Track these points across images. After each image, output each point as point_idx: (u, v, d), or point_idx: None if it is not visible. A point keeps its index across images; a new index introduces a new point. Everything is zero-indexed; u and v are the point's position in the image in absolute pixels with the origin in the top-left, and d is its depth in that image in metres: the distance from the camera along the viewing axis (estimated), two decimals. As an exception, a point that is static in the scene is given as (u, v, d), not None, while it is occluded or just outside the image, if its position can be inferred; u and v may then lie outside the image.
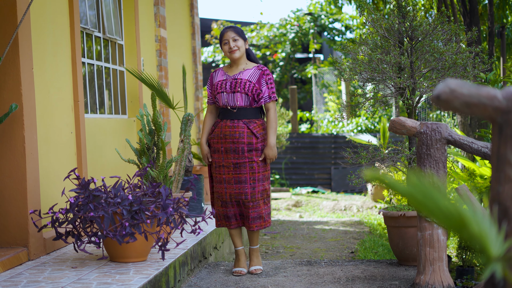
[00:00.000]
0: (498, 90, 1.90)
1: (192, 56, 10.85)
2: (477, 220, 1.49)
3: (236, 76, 5.68)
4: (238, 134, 5.59)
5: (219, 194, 5.70)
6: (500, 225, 1.80)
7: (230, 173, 5.62)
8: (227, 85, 5.65)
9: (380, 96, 6.23)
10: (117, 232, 4.71)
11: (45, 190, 5.49)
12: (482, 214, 1.55)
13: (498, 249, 1.49)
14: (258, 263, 5.87)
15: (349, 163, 6.18)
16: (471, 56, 5.98)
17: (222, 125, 5.65)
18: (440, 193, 1.52)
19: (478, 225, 1.49)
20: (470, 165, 7.64)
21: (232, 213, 5.71)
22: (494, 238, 1.50)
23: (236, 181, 5.62)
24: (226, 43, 5.69)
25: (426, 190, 1.53)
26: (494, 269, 1.45)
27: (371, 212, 11.86)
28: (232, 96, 5.62)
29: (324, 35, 21.57)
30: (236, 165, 5.61)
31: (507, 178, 1.83)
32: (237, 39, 5.68)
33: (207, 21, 21.39)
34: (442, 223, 1.53)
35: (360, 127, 16.27)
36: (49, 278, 4.58)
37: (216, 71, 5.83)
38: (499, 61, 12.05)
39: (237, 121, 5.62)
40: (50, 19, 5.73)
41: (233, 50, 5.67)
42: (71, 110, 6.03)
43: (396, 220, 5.90)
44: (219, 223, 5.80)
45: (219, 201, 5.72)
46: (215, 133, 5.68)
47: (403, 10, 6.14)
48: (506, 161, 1.84)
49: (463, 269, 6.46)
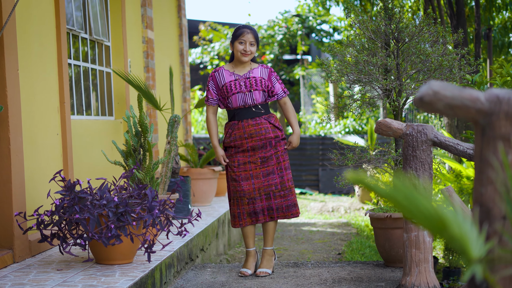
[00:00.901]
0: (481, 92, 1.90)
1: (179, 58, 10.84)
2: (458, 221, 1.49)
3: (248, 75, 5.73)
4: (264, 131, 5.68)
5: (245, 192, 5.68)
6: (482, 226, 1.80)
7: (258, 168, 5.69)
8: (242, 85, 5.67)
9: (367, 98, 6.24)
10: (103, 234, 4.70)
11: (31, 192, 5.47)
12: (464, 215, 1.55)
13: (478, 251, 1.50)
14: (268, 266, 5.81)
15: (336, 164, 6.19)
16: (457, 58, 5.99)
17: (243, 125, 5.68)
18: (421, 195, 1.52)
19: (459, 226, 1.49)
20: (456, 166, 7.66)
21: (260, 208, 5.70)
22: (474, 239, 1.50)
23: (264, 174, 5.70)
24: (243, 43, 5.68)
25: (407, 192, 1.53)
26: (475, 271, 1.45)
27: (358, 214, 11.87)
28: (249, 94, 5.67)
29: (312, 37, 21.58)
30: (263, 159, 5.69)
31: (489, 180, 1.83)
32: (254, 44, 5.71)
33: (194, 23, 21.37)
34: (423, 224, 1.53)
35: (348, 128, 16.28)
36: (34, 280, 4.56)
37: (217, 71, 5.78)
38: (486, 63, 12.09)
39: (258, 118, 5.70)
40: (36, 20, 5.70)
41: (247, 53, 5.69)
42: (57, 111, 6.01)
43: (383, 221, 5.91)
44: (241, 222, 5.74)
45: (244, 199, 5.69)
46: (236, 135, 5.70)
47: (389, 12, 6.14)
48: (488, 163, 1.84)
49: (450, 270, 6.47)
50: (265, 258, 5.82)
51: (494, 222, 1.80)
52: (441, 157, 8.16)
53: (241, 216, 5.72)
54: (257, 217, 5.72)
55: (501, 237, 1.79)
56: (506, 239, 1.77)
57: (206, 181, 8.76)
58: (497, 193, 1.80)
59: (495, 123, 1.85)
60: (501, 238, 1.79)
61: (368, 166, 6.16)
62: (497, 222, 1.80)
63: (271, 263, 5.83)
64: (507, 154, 1.82)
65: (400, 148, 5.99)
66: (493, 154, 1.84)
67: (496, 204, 1.80)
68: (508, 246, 1.76)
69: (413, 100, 1.94)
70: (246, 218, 5.73)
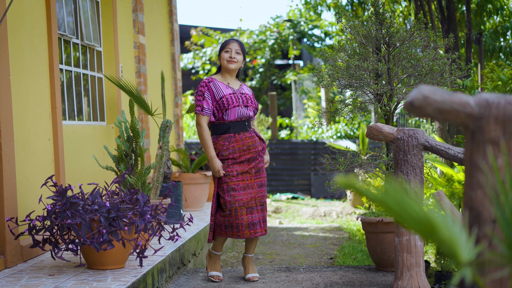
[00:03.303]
0: (470, 96, 1.91)
1: (171, 63, 10.84)
2: (448, 225, 1.50)
3: (242, 91, 5.82)
4: (257, 143, 5.77)
5: (244, 201, 5.65)
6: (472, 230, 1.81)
7: (252, 178, 5.72)
8: (239, 99, 5.73)
9: (358, 102, 6.25)
10: (95, 239, 4.70)
11: (22, 197, 5.46)
12: (453, 219, 1.56)
13: (468, 254, 1.51)
14: (255, 270, 5.87)
15: (327, 169, 6.20)
16: (448, 62, 6.02)
17: (241, 138, 5.70)
18: (411, 199, 1.53)
19: (448, 230, 1.50)
20: (448, 170, 7.68)
21: (257, 219, 5.69)
22: (464, 243, 1.51)
23: (258, 185, 5.75)
24: (228, 52, 5.77)
25: (397, 197, 1.54)
26: (464, 274, 1.46)
27: (350, 218, 11.88)
28: (245, 109, 5.73)
29: (304, 42, 21.61)
30: (257, 169, 5.75)
31: (479, 184, 1.84)
32: (239, 53, 5.79)
33: (186, 28, 21.38)
34: (413, 228, 1.54)
35: (340, 133, 16.30)
36: (26, 286, 4.55)
37: (212, 82, 5.72)
38: (477, 67, 12.14)
39: (250, 132, 5.79)
40: (27, 25, 5.70)
41: (232, 60, 5.76)
42: (48, 116, 6.00)
43: (374, 226, 5.92)
44: (239, 234, 5.64)
45: (243, 208, 5.65)
46: (234, 148, 5.68)
47: (380, 17, 6.16)
48: (478, 167, 1.85)
49: (442, 274, 6.49)
50: (250, 264, 5.87)
51: (484, 225, 1.81)
52: (433, 162, 8.18)
53: (240, 227, 5.61)
54: (255, 229, 5.66)
55: (490, 240, 1.80)
56: (496, 243, 1.78)
57: (198, 186, 8.76)
58: (486, 197, 1.81)
59: (485, 127, 1.86)
60: (490, 242, 1.80)
61: (359, 171, 6.17)
62: (487, 226, 1.81)
63: (254, 267, 5.92)
64: (497, 158, 1.83)
65: (392, 152, 6.01)
66: (482, 158, 1.85)
67: (485, 207, 1.81)
68: (497, 249, 1.77)
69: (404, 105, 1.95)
70: (245, 230, 5.62)
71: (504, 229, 1.60)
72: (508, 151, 1.83)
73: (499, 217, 1.61)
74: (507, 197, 1.61)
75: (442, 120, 1.92)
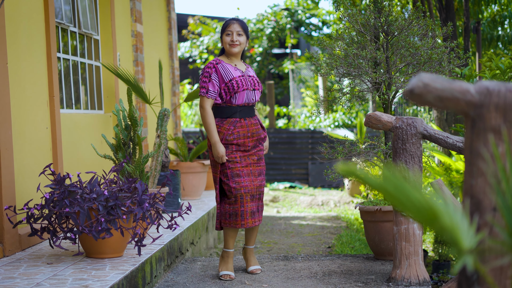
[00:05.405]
0: (471, 84, 1.91)
1: (169, 51, 10.82)
2: (449, 212, 1.50)
3: (249, 73, 5.60)
4: (260, 131, 5.58)
5: (249, 188, 5.44)
6: (472, 218, 1.81)
7: (254, 165, 5.52)
8: (248, 83, 5.51)
9: (356, 91, 6.24)
10: (93, 227, 4.69)
11: (20, 185, 5.46)
12: (454, 207, 1.56)
13: (469, 242, 1.50)
14: (257, 263, 5.74)
15: (325, 158, 6.19)
16: (446, 51, 6.01)
17: (247, 124, 5.49)
18: (412, 187, 1.52)
19: (450, 217, 1.50)
20: (446, 159, 7.69)
21: (256, 208, 5.52)
22: (465, 230, 1.51)
23: (259, 173, 5.55)
24: (229, 35, 5.52)
25: (398, 184, 1.53)
26: (466, 262, 1.46)
27: (348, 207, 11.90)
28: (253, 93, 5.52)
29: (301, 30, 21.59)
30: (259, 156, 5.57)
31: (479, 172, 1.84)
32: (241, 34, 5.53)
33: (183, 16, 21.34)
34: (414, 216, 1.54)
35: (337, 122, 16.29)
36: (24, 274, 4.55)
37: (220, 63, 5.50)
38: (475, 56, 12.13)
39: (255, 118, 5.60)
40: (25, 13, 5.68)
41: (234, 44, 5.51)
42: (46, 105, 5.99)
43: (373, 214, 5.92)
44: (243, 222, 5.45)
45: (248, 195, 5.44)
46: (239, 133, 5.46)
47: (378, 5, 6.15)
48: (479, 154, 1.85)
49: (439, 263, 6.50)
50: (251, 256, 5.73)
51: (484, 213, 1.81)
52: (430, 151, 8.19)
53: (244, 215, 5.43)
54: (258, 217, 5.54)
55: (491, 228, 1.80)
56: (497, 230, 1.78)
57: (196, 175, 8.76)
58: (487, 185, 1.81)
59: (485, 115, 1.86)
60: (491, 229, 1.80)
61: (358, 160, 6.16)
62: (487, 214, 1.80)
63: (256, 260, 5.81)
64: (498, 145, 1.82)
65: (390, 141, 6.01)
66: (483, 146, 1.85)
67: (486, 195, 1.81)
68: (498, 237, 1.77)
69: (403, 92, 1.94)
70: (249, 219, 5.45)
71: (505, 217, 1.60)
72: (509, 139, 1.82)
73: (500, 205, 1.60)
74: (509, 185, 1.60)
75: (442, 108, 1.92)
